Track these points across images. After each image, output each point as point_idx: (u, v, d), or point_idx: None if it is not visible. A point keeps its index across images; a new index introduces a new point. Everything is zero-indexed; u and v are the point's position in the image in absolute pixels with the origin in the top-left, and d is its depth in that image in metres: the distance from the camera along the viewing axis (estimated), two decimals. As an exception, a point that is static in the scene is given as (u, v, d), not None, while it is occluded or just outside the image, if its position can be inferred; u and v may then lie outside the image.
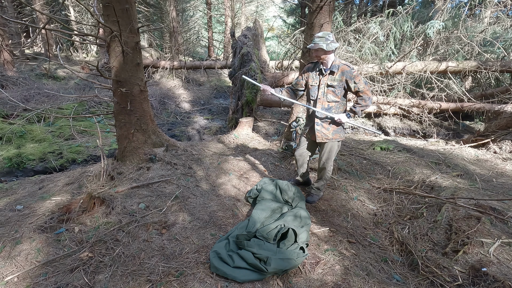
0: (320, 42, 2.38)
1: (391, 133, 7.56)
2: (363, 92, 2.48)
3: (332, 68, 2.49)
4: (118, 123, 3.31)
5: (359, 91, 2.49)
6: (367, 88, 2.47)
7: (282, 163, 3.94)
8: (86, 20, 12.64)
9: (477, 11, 8.23)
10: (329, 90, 2.56)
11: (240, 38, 6.38)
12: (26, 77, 8.40)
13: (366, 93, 2.47)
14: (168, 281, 1.89)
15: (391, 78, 7.53)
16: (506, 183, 3.48)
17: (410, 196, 2.99)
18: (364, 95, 2.48)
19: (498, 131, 5.13)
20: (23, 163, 4.53)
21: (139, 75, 3.25)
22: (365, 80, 2.51)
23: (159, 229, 2.42)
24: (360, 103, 2.53)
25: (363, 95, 2.49)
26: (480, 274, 1.88)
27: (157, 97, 8.62)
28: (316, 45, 2.40)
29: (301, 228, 2.30)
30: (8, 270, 1.93)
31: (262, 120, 6.85)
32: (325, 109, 2.62)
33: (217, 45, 18.15)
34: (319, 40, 2.39)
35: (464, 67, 6.82)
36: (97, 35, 3.21)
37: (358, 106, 2.54)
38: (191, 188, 3.11)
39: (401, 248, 2.37)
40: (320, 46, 2.38)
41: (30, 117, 5.79)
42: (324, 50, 2.40)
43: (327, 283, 1.96)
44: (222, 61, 10.90)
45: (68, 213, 2.46)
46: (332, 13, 3.57)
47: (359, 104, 2.53)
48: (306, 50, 3.79)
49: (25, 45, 11.31)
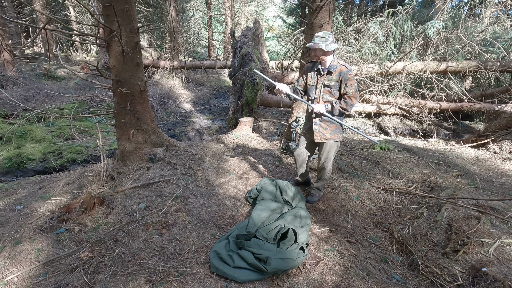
0: (319, 42, 2.39)
1: (391, 133, 7.56)
2: (349, 97, 2.50)
3: (330, 68, 2.50)
4: (118, 123, 3.31)
5: (346, 94, 2.50)
6: (355, 95, 2.50)
7: (282, 163, 3.94)
8: (86, 20, 12.64)
9: (477, 11, 8.23)
10: (326, 90, 2.58)
11: (240, 38, 6.38)
12: (26, 77, 8.40)
13: (351, 99, 2.50)
14: (168, 281, 1.89)
15: (391, 78, 7.53)
16: (506, 183, 3.48)
17: (410, 196, 2.99)
18: (348, 100, 2.50)
19: (498, 131, 5.13)
20: (23, 163, 4.53)
21: (139, 75, 3.25)
22: (357, 88, 2.53)
23: (159, 229, 2.42)
24: (341, 103, 2.53)
25: (347, 99, 2.51)
26: (480, 274, 1.88)
27: (157, 97, 8.62)
28: (315, 44, 2.40)
29: (301, 228, 2.30)
30: (8, 270, 1.93)
31: (262, 120, 6.85)
32: None
33: (217, 45, 18.14)
34: (318, 39, 2.40)
35: (464, 67, 6.82)
36: (97, 35, 3.21)
37: (339, 104, 2.53)
38: (191, 188, 3.11)
39: (401, 248, 2.37)
40: (320, 46, 2.39)
41: (30, 117, 5.79)
42: (323, 50, 2.41)
43: (327, 283, 1.96)
44: (222, 61, 10.91)
45: (68, 213, 2.46)
46: (332, 13, 3.58)
47: (340, 103, 2.54)
48: (306, 50, 3.79)
49: (25, 45, 11.31)
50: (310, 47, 2.46)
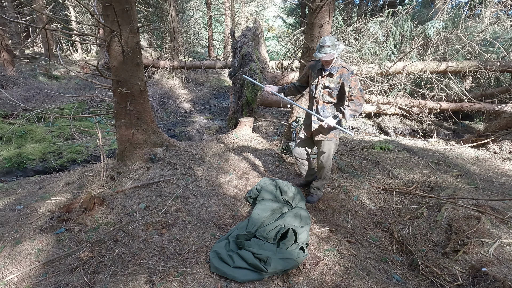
0: (331, 51, 2.37)
1: (391, 133, 7.56)
2: (356, 97, 2.46)
3: (331, 70, 2.50)
4: (118, 123, 3.31)
5: (352, 96, 2.48)
6: (361, 94, 2.47)
7: (282, 163, 3.94)
8: (86, 20, 12.64)
9: (477, 11, 8.23)
10: (326, 91, 2.58)
11: (240, 38, 6.38)
12: (26, 77, 8.40)
13: (359, 98, 2.46)
14: (168, 281, 1.89)
15: (391, 78, 7.53)
16: (506, 183, 3.48)
17: (410, 196, 2.99)
18: (356, 100, 2.46)
19: (498, 131, 5.13)
20: (23, 163, 4.53)
21: (139, 75, 3.25)
22: (361, 88, 2.50)
23: (159, 229, 2.42)
24: (350, 105, 2.48)
25: (355, 99, 2.47)
26: (480, 274, 1.88)
27: (157, 97, 8.61)
28: (328, 55, 2.38)
29: (301, 228, 2.30)
30: (8, 270, 1.93)
31: (262, 120, 6.85)
32: (321, 109, 2.65)
33: (217, 45, 18.14)
34: (330, 49, 2.37)
35: (464, 67, 6.81)
36: (97, 35, 3.21)
37: (348, 108, 2.48)
38: (191, 188, 3.11)
39: (401, 248, 2.37)
40: (333, 55, 2.38)
41: (30, 117, 5.79)
42: (335, 56, 2.41)
43: (327, 283, 1.96)
44: (222, 61, 10.90)
45: (68, 213, 2.46)
46: (332, 13, 3.58)
47: (348, 107, 2.48)
48: (306, 50, 3.79)
49: (25, 45, 11.31)
50: (322, 59, 2.42)
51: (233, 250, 2.13)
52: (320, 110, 2.67)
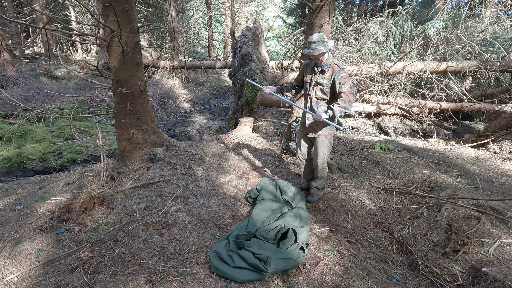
0: (318, 46, 2.41)
1: (391, 133, 7.56)
2: (345, 94, 2.47)
3: (323, 67, 2.53)
4: (118, 123, 3.31)
5: (342, 92, 2.48)
6: (351, 91, 2.48)
7: (282, 163, 3.94)
8: (86, 20, 12.63)
9: (477, 11, 8.23)
10: (319, 88, 2.61)
11: (240, 38, 6.38)
12: (26, 77, 8.40)
13: (348, 95, 2.47)
14: (168, 281, 1.89)
15: (391, 78, 7.53)
16: (506, 183, 3.48)
17: (410, 196, 2.99)
18: (345, 97, 2.47)
19: (498, 131, 5.12)
20: (23, 163, 4.53)
21: (139, 75, 3.25)
22: (352, 85, 2.51)
23: (159, 229, 2.42)
24: (339, 102, 2.48)
25: (344, 96, 2.48)
26: (480, 274, 1.88)
27: (157, 97, 8.61)
28: (315, 50, 2.41)
29: (301, 228, 2.30)
30: (8, 270, 1.93)
31: (262, 120, 6.85)
32: (315, 105, 2.68)
33: (217, 45, 18.14)
34: (316, 45, 2.41)
35: (464, 67, 6.81)
36: (97, 35, 3.21)
37: (337, 105, 2.48)
38: (191, 188, 3.11)
39: (401, 248, 2.37)
40: (320, 50, 2.41)
41: (30, 117, 5.79)
42: (324, 52, 2.44)
43: (327, 283, 1.96)
44: (222, 61, 10.89)
45: (68, 213, 2.46)
46: (332, 13, 3.58)
47: (338, 104, 2.48)
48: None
49: (25, 45, 11.31)
50: (309, 54, 2.46)
51: (233, 250, 2.13)
52: (314, 107, 2.69)
